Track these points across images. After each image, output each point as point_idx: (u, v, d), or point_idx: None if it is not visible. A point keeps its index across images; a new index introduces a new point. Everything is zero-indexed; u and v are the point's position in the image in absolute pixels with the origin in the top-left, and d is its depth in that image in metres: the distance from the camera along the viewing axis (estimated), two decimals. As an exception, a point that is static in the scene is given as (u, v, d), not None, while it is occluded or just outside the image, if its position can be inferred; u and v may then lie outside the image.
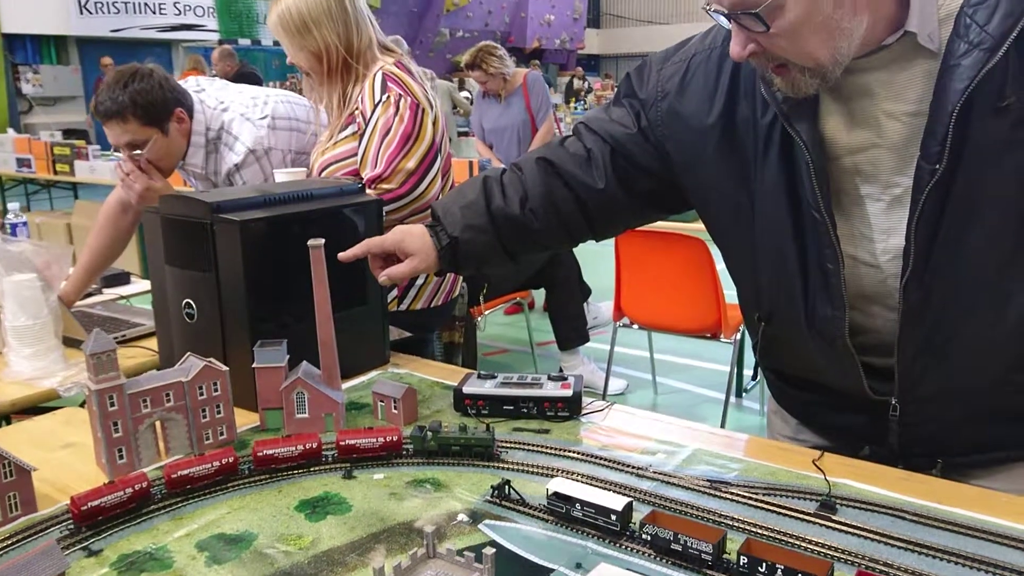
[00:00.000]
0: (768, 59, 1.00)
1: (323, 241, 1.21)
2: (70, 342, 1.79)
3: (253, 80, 7.82)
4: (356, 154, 1.83)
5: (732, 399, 3.30)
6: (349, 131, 1.84)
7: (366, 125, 1.80)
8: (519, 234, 1.32)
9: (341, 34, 1.82)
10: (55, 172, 6.45)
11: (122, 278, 2.41)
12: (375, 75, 1.82)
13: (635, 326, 3.23)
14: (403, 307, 1.89)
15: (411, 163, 1.78)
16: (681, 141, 1.20)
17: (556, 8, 19.55)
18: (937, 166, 0.97)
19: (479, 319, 3.42)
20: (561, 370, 3.83)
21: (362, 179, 1.80)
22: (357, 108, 1.83)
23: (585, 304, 4.16)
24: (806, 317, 1.13)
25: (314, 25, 1.80)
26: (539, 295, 4.50)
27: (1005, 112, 0.95)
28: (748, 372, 3.65)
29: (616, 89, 1.34)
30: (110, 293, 2.33)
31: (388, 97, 1.78)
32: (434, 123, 1.84)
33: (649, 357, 3.85)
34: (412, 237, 1.32)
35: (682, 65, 1.20)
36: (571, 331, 3.75)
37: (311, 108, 2.16)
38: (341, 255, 1.29)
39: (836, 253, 1.07)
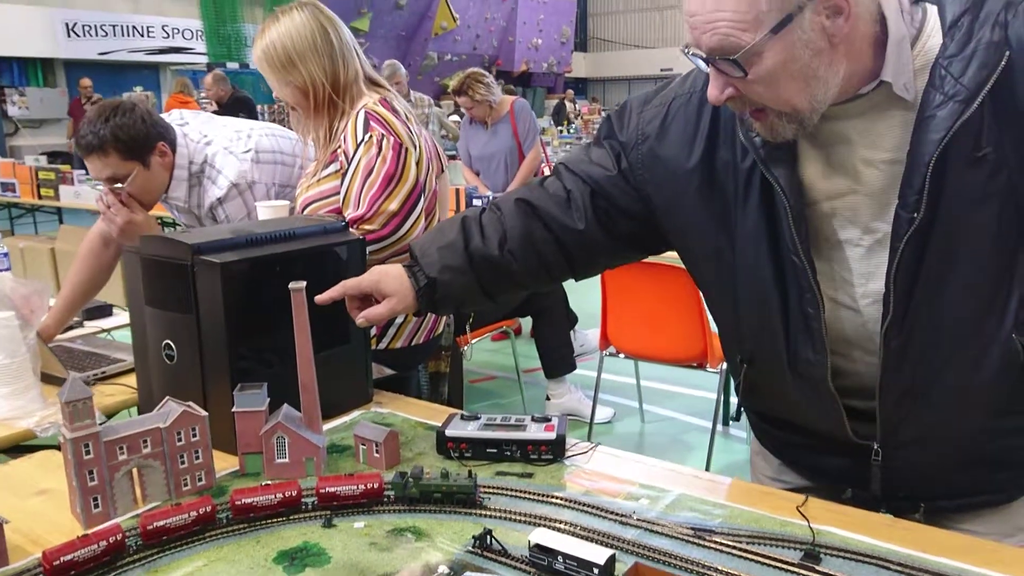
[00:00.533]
0: (745, 103, 1.01)
1: (304, 284, 1.20)
2: (49, 379, 1.77)
3: (248, 106, 7.74)
4: (338, 192, 1.81)
5: (719, 427, 3.29)
6: (331, 169, 1.83)
7: (348, 164, 1.79)
8: (498, 275, 1.31)
9: (327, 68, 1.80)
10: (39, 197, 6.42)
11: (104, 310, 2.39)
12: (358, 113, 1.81)
13: (621, 355, 3.23)
14: (382, 346, 1.87)
15: (393, 204, 1.76)
16: (661, 184, 1.21)
17: (544, 32, 19.73)
18: (915, 215, 0.98)
19: (465, 348, 3.41)
20: (548, 398, 3.82)
21: (344, 218, 1.79)
22: (340, 146, 1.81)
23: (572, 332, 4.15)
24: (788, 360, 1.13)
25: (299, 60, 1.79)
26: (526, 321, 4.50)
27: (981, 163, 0.96)
28: (735, 400, 3.65)
29: (596, 130, 1.34)
30: (92, 326, 2.31)
31: (370, 137, 1.77)
32: (418, 163, 1.82)
33: (636, 384, 3.84)
34: (389, 278, 1.31)
35: (662, 109, 1.21)
36: (558, 359, 3.74)
37: (297, 141, 2.15)
38: (318, 298, 1.28)
39: (816, 297, 1.07)
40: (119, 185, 1.95)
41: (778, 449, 1.32)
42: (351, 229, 1.74)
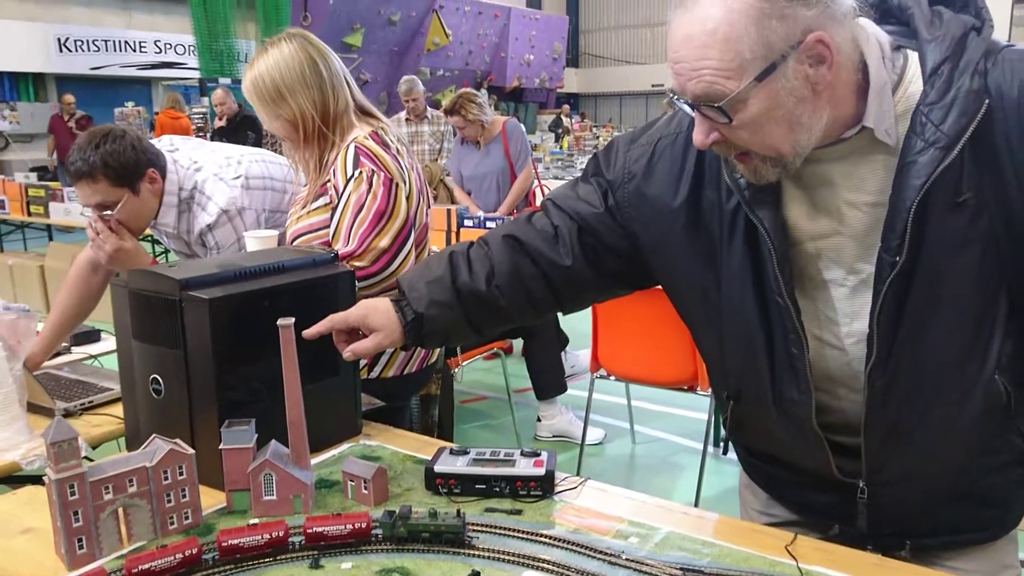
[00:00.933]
0: (731, 148, 1.03)
1: (293, 320, 1.20)
2: (36, 408, 1.76)
3: (256, 126, 7.61)
4: (327, 226, 1.82)
5: (711, 448, 3.29)
6: (321, 202, 1.83)
7: (338, 198, 1.79)
8: (485, 310, 1.32)
9: (316, 100, 1.79)
10: (29, 213, 6.39)
11: (93, 336, 2.38)
12: (348, 147, 1.80)
13: (612, 378, 3.23)
14: (373, 375, 1.87)
15: (384, 241, 1.76)
16: (648, 222, 1.22)
17: (536, 48, 19.82)
18: (897, 258, 0.99)
19: (456, 370, 3.40)
20: (539, 419, 3.81)
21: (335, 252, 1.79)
22: (330, 180, 1.81)
23: (563, 353, 4.15)
24: (773, 399, 1.14)
25: (288, 92, 1.78)
26: (517, 340, 4.49)
27: (962, 208, 0.98)
28: (726, 421, 3.65)
29: (584, 168, 1.35)
30: (79, 352, 2.29)
31: (360, 173, 1.76)
32: (408, 197, 1.82)
33: (627, 405, 3.84)
34: (377, 312, 1.31)
35: (648, 148, 1.22)
36: (549, 381, 3.73)
37: (287, 167, 2.15)
38: (306, 332, 1.28)
39: (800, 338, 1.08)
40: (108, 212, 1.94)
41: (766, 483, 1.32)
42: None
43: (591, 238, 1.27)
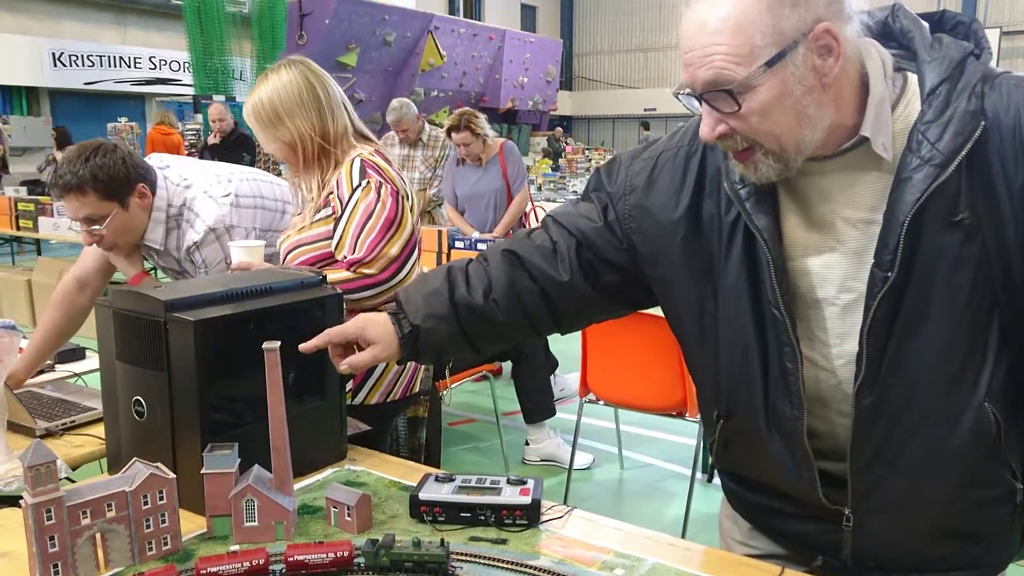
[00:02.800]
0: (736, 142, 1.03)
1: (278, 344, 1.19)
2: (16, 427, 1.73)
3: (249, 145, 7.55)
4: (328, 238, 1.82)
5: (699, 475, 3.27)
6: (323, 214, 1.84)
7: (343, 209, 1.80)
8: (482, 325, 1.31)
9: (315, 123, 1.82)
10: (18, 228, 6.36)
11: (77, 353, 2.35)
12: (352, 161, 1.83)
13: (601, 402, 3.21)
14: (357, 401, 1.86)
15: (394, 249, 1.78)
16: (648, 234, 1.22)
17: (530, 71, 19.96)
18: (889, 274, 1.00)
19: (444, 392, 3.38)
20: (528, 443, 3.79)
21: (337, 260, 1.79)
22: (332, 192, 1.82)
23: (552, 376, 4.14)
24: (765, 415, 1.14)
25: (286, 115, 1.81)
26: (506, 363, 4.48)
27: (958, 227, 0.99)
28: (714, 446, 3.63)
29: (585, 185, 1.36)
30: (63, 370, 2.27)
31: (368, 183, 1.79)
32: (411, 210, 1.85)
33: (616, 430, 3.82)
34: (374, 325, 1.30)
35: (650, 162, 1.23)
36: (537, 404, 3.71)
37: (280, 186, 2.15)
38: (302, 347, 1.27)
39: (795, 351, 1.08)
40: (96, 227, 1.93)
41: (749, 512, 1.31)
42: (348, 271, 1.74)
43: (589, 253, 1.27)
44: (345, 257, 1.78)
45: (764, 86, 0.97)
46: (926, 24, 1.08)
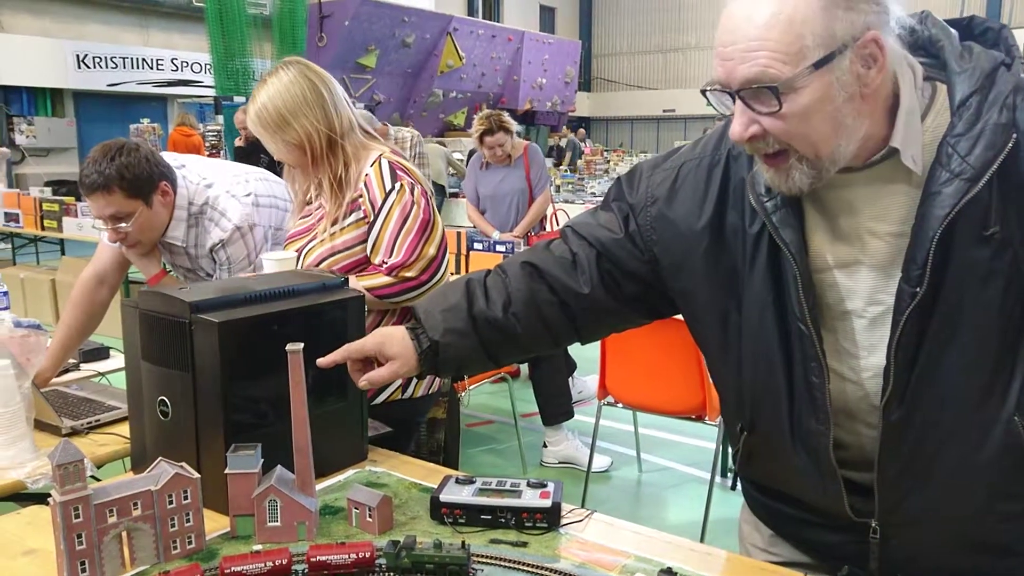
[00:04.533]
0: (767, 144, 1.00)
1: (301, 346, 1.20)
2: (42, 426, 1.76)
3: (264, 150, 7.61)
4: (362, 242, 1.83)
5: (718, 479, 3.26)
6: (353, 219, 1.84)
7: (376, 213, 1.80)
8: (502, 338, 1.30)
9: (320, 119, 1.81)
10: (43, 228, 6.44)
11: (101, 352, 2.38)
12: (378, 162, 1.83)
13: (620, 405, 3.21)
14: (379, 400, 1.87)
15: (432, 250, 1.80)
16: (670, 245, 1.21)
17: (548, 72, 19.95)
18: (918, 289, 0.98)
19: (463, 394, 3.39)
20: (545, 445, 3.79)
21: (372, 264, 1.81)
22: (362, 196, 1.82)
23: (570, 378, 4.14)
24: (790, 429, 1.12)
25: (291, 116, 1.80)
26: (524, 364, 4.48)
27: (987, 241, 0.97)
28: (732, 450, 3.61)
29: (604, 194, 1.34)
30: (88, 369, 2.30)
31: (401, 185, 1.80)
32: (438, 210, 1.88)
33: (634, 432, 3.81)
34: (392, 340, 1.30)
35: (672, 172, 1.21)
36: (556, 407, 3.71)
37: (285, 185, 2.18)
38: (320, 361, 1.28)
39: (821, 366, 1.06)
40: (123, 225, 1.97)
41: (772, 519, 1.30)
42: (388, 276, 1.75)
43: (609, 264, 1.26)
44: (384, 263, 1.78)
45: (808, 88, 0.94)
46: (955, 32, 1.05)
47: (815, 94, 0.95)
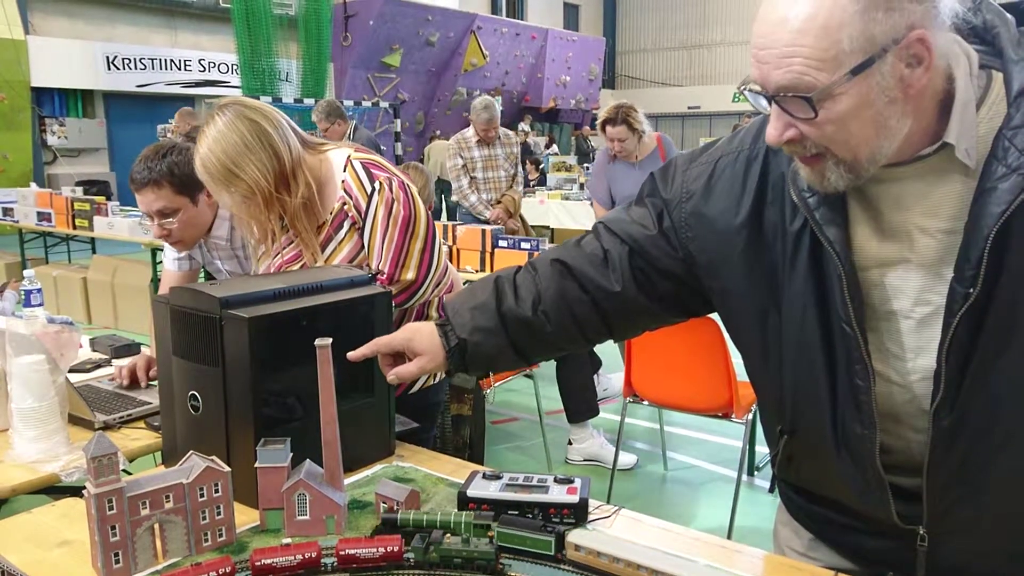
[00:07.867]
0: (804, 148, 0.97)
1: (330, 341, 1.21)
2: (76, 420, 1.79)
3: None
4: (361, 248, 1.81)
5: (744, 477, 3.24)
6: (345, 229, 1.79)
7: (364, 217, 1.77)
8: (531, 336, 1.28)
9: (267, 160, 1.68)
10: (74, 227, 6.54)
11: (132, 349, 2.42)
12: (353, 165, 1.77)
13: (645, 402, 3.20)
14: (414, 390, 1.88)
15: (419, 243, 1.79)
16: (706, 243, 1.17)
17: (572, 70, 19.94)
18: (971, 290, 0.93)
19: (488, 391, 3.40)
20: (570, 442, 3.79)
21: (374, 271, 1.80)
22: (346, 203, 1.77)
23: (596, 375, 4.12)
24: (833, 432, 1.08)
25: (236, 167, 1.67)
26: (549, 362, 4.47)
27: None
28: (760, 448, 3.59)
29: (639, 190, 1.29)
30: (119, 365, 2.32)
31: (380, 184, 1.75)
32: (417, 196, 1.82)
33: (659, 430, 3.80)
34: (421, 336, 1.30)
35: (708, 167, 1.17)
36: (581, 404, 3.70)
37: None
38: (350, 355, 1.28)
39: (867, 369, 1.02)
40: (169, 220, 2.02)
41: (813, 523, 1.25)
42: (391, 285, 1.75)
43: (642, 261, 1.22)
44: (381, 272, 1.75)
45: (846, 95, 0.90)
46: (1011, 17, 0.99)
47: (853, 100, 0.90)
